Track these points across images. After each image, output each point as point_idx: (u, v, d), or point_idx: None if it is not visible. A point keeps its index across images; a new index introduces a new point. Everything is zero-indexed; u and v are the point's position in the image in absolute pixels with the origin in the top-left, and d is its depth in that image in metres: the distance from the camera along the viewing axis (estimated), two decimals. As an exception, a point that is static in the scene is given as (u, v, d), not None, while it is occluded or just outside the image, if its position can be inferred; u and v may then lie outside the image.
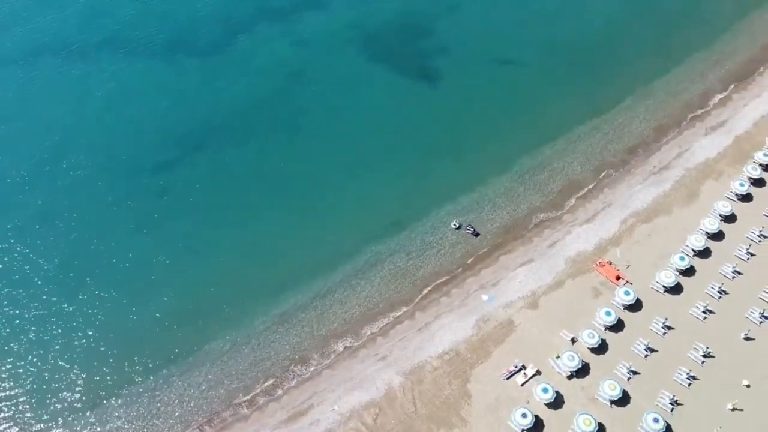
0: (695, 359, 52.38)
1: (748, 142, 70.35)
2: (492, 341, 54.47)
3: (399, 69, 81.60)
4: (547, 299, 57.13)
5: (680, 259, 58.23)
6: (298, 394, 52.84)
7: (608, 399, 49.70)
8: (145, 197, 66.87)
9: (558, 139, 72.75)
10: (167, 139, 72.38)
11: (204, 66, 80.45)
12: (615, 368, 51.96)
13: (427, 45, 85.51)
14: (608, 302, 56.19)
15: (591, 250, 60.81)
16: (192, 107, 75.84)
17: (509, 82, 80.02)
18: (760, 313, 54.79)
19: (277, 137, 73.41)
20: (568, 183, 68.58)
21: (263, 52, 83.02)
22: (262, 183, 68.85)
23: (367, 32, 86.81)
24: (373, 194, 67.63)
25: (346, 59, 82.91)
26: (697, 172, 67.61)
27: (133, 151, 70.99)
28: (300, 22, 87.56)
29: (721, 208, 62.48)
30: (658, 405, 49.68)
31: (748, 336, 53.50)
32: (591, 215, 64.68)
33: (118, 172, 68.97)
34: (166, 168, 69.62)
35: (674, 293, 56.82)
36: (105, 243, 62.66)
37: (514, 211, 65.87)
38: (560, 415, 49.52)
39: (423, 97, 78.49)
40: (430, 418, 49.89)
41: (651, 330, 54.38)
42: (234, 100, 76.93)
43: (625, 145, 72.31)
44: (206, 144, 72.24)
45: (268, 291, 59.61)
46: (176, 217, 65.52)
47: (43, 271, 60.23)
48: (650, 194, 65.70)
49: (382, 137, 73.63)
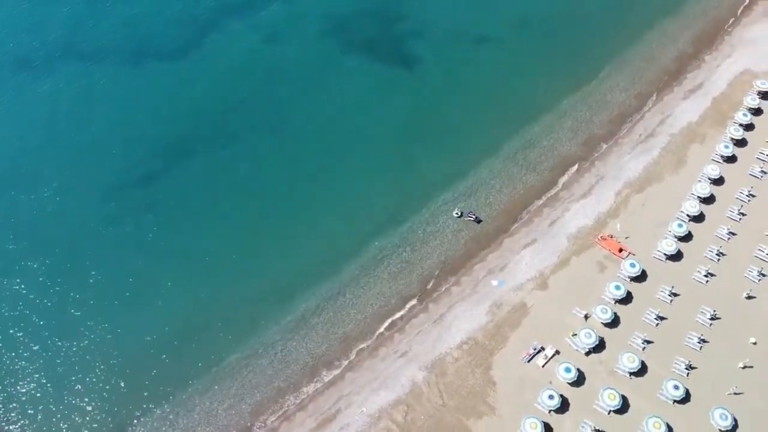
0: (703, 323, 54.40)
1: (726, 102, 72.23)
2: (508, 326, 55.34)
3: (375, 56, 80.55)
4: (555, 278, 58.17)
5: (678, 226, 59.93)
6: (323, 400, 52.83)
7: (627, 371, 51.31)
8: (135, 214, 64.65)
9: (544, 116, 73.32)
10: (148, 149, 69.89)
11: (176, 70, 77.61)
12: (629, 340, 53.57)
13: (400, 29, 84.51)
14: (615, 276, 57.62)
15: (591, 225, 61.98)
16: (170, 114, 73.31)
17: (488, 61, 79.89)
18: (758, 271, 57.09)
19: (260, 138, 71.64)
20: (559, 159, 69.39)
21: (235, 50, 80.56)
22: (251, 187, 67.36)
23: (337, 20, 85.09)
24: (367, 189, 67.02)
25: (320, 50, 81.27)
26: (682, 137, 69.27)
27: (115, 166, 68.34)
28: (267, 15, 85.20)
29: (709, 172, 64.32)
30: (674, 371, 51.57)
31: (749, 295, 55.73)
32: (586, 190, 65.76)
33: (102, 191, 66.29)
34: (152, 180, 67.39)
35: (675, 260, 58.59)
36: (100, 266, 60.39)
37: (510, 193, 66.43)
38: (583, 391, 50.91)
39: (402, 84, 77.77)
40: (459, 409, 50.66)
41: (658, 299, 56.08)
42: (212, 102, 74.73)
43: (610, 115, 73.41)
44: (190, 151, 70.04)
45: (276, 299, 58.87)
46: (169, 231, 63.65)
47: (41, 304, 57.85)
48: (640, 163, 67.10)
49: (366, 129, 72.77)
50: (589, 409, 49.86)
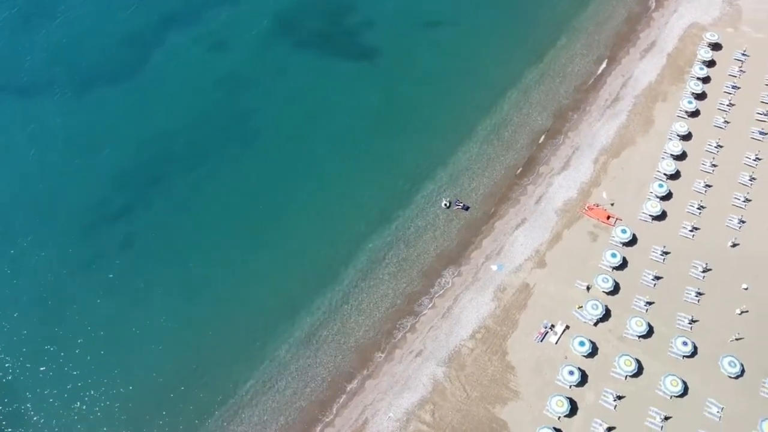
0: (697, 276, 56.78)
1: (680, 57, 74.57)
2: (515, 308, 56.28)
3: (330, 52, 79.02)
4: (551, 254, 59.35)
5: (659, 186, 61.97)
6: (348, 412, 52.64)
7: (636, 335, 53.22)
8: (111, 253, 61.42)
9: (510, 93, 73.91)
10: (115, 182, 66.61)
11: (128, 94, 73.83)
12: (632, 304, 55.44)
13: (351, 20, 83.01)
14: (607, 243, 59.27)
15: (576, 197, 63.33)
16: (131, 140, 69.87)
17: (445, 44, 79.65)
18: (738, 219, 59.86)
19: (231, 152, 69.28)
20: (533, 134, 70.24)
21: (185, 64, 77.30)
22: (230, 206, 65.32)
23: (285, 19, 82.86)
24: (350, 192, 66.05)
25: (274, 52, 79.07)
26: (645, 98, 71.22)
27: (81, 204, 64.81)
28: (210, 22, 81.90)
29: (678, 129, 66.56)
30: (678, 327, 53.82)
31: (734, 243, 58.44)
32: (564, 162, 67.01)
33: (71, 232, 62.74)
34: (126, 215, 64.40)
35: (661, 220, 60.69)
36: (89, 315, 57.18)
37: (492, 175, 66.95)
38: (598, 361, 52.51)
39: (364, 77, 76.72)
40: (484, 399, 51.48)
41: (652, 259, 58.12)
42: (173, 121, 71.61)
43: (574, 84, 74.65)
44: (161, 177, 67.25)
45: (280, 317, 57.83)
46: (154, 266, 61.11)
47: (32, 367, 55.00)
48: (611, 129, 68.74)
49: (336, 128, 71.53)
50: (607, 377, 51.57)
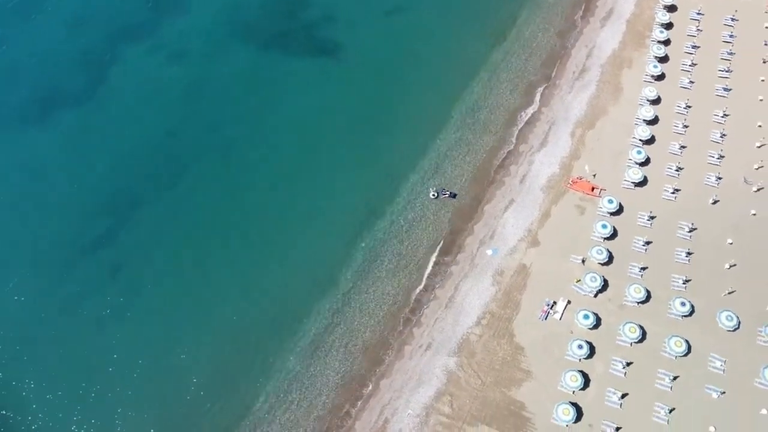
0: (684, 237, 58.56)
1: (639, 22, 76.09)
2: (515, 290, 57.02)
3: (295, 52, 77.59)
4: (543, 232, 60.18)
5: (637, 153, 63.38)
6: (367, 414, 52.63)
7: (636, 301, 54.69)
8: (100, 283, 59.41)
9: (479, 74, 74.15)
10: (90, 209, 64.08)
11: (92, 115, 70.92)
12: (627, 272, 56.85)
13: (310, 17, 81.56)
14: (595, 215, 60.45)
15: (558, 172, 64.21)
16: (101, 164, 67.26)
17: (408, 32, 79.12)
18: (715, 176, 61.88)
19: (207, 165, 67.50)
20: (508, 114, 70.77)
21: (145, 79, 74.62)
22: (215, 221, 63.75)
23: (242, 21, 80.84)
24: (334, 193, 65.23)
25: (236, 57, 77.07)
26: (611, 66, 72.45)
27: (60, 237, 62.20)
28: (166, 32, 79.34)
29: (647, 94, 68.03)
30: (674, 288, 55.53)
31: (714, 200, 60.42)
32: (542, 138, 67.76)
33: (55, 269, 60.36)
34: (106, 242, 62.19)
35: (643, 185, 62.20)
36: (79, 350, 55.24)
37: (474, 159, 67.25)
38: (602, 331, 53.76)
39: (332, 75, 75.62)
40: (498, 383, 52.20)
41: (640, 225, 59.60)
42: (141, 139, 69.29)
43: (541, 59, 75.36)
44: (138, 199, 65.02)
45: (283, 329, 57.01)
46: (143, 292, 59.11)
47: (36, 408, 53.09)
48: (583, 100, 69.76)
49: (310, 130, 70.32)
50: (614, 346, 52.94)
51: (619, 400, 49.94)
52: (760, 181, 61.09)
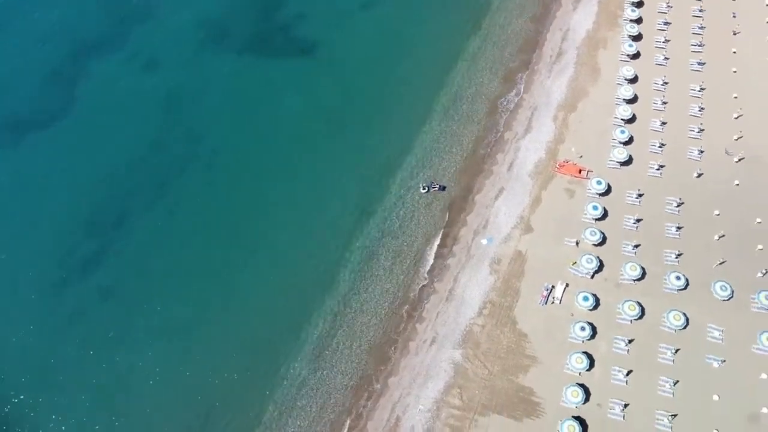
0: (673, 211, 59.69)
1: (610, 2, 77.21)
2: (514, 277, 57.56)
3: (271, 54, 76.97)
4: (535, 218, 60.77)
5: (620, 133, 64.27)
6: (379, 414, 52.79)
7: (632, 279, 55.67)
8: (90, 307, 58.15)
9: (458, 64, 74.32)
10: (74, 231, 62.78)
11: (68, 132, 69.45)
12: (621, 251, 57.78)
13: (283, 16, 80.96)
14: (585, 196, 61.22)
15: (545, 157, 64.80)
16: (81, 183, 65.88)
17: (383, 25, 78.95)
18: (698, 150, 63.10)
19: (190, 176, 66.61)
20: (489, 102, 71.09)
21: (121, 90, 73.38)
22: (206, 233, 62.98)
23: (215, 25, 79.79)
24: (323, 194, 64.89)
25: (211, 62, 76.12)
26: (587, 47, 73.22)
27: (46, 262, 60.73)
28: (139, 41, 78.05)
29: (625, 73, 68.92)
30: (668, 263, 56.62)
31: (698, 173, 61.66)
32: (526, 125, 68.26)
33: (44, 295, 59.00)
34: (93, 264, 60.86)
35: (629, 164, 63.14)
36: (76, 376, 54.25)
37: (460, 150, 67.47)
38: (602, 311, 54.57)
39: (311, 74, 75.07)
40: (506, 371, 52.75)
41: (629, 204, 60.56)
42: (121, 154, 68.02)
43: (517, 45, 75.78)
44: (123, 216, 63.89)
45: (286, 336, 56.61)
46: (136, 312, 58.04)
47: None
48: (562, 84, 70.40)
49: (293, 133, 69.90)
50: (614, 325, 53.85)
51: (624, 377, 50.93)
52: (741, 152, 62.48)
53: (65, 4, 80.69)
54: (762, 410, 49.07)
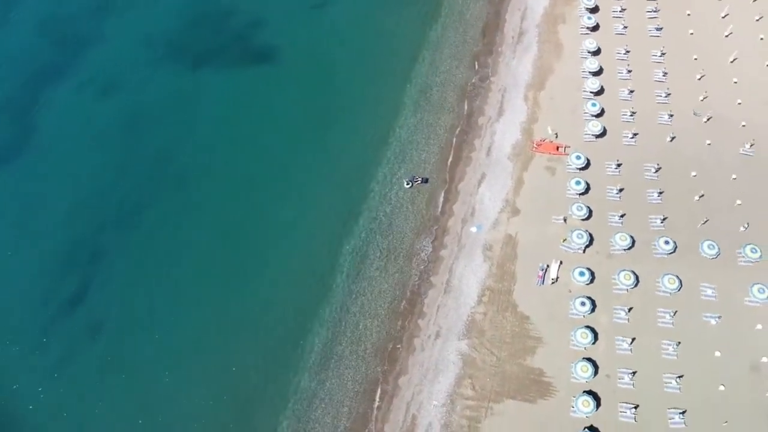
0: (652, 177, 60.86)
1: (563, -23, 77.60)
2: (508, 262, 57.80)
3: (231, 64, 74.62)
4: (521, 200, 61.07)
5: (592, 106, 65.03)
6: (394, 415, 52.43)
7: (623, 248, 56.58)
8: (82, 344, 55.69)
9: (422, 54, 73.80)
10: (52, 269, 59.56)
11: (26, 167, 65.60)
12: (608, 222, 58.64)
13: (236, 24, 78.35)
14: (566, 173, 61.80)
15: (521, 138, 65.09)
16: (53, 219, 62.39)
17: (341, 22, 77.58)
18: (668, 114, 64.42)
19: (166, 199, 63.84)
20: (459, 89, 70.88)
21: (81, 117, 69.59)
22: (188, 255, 60.50)
23: (167, 42, 76.53)
24: (304, 203, 63.12)
25: (172, 79, 73.00)
26: (547, 24, 73.69)
27: (28, 304, 57.75)
28: (89, 65, 74.19)
29: (588, 46, 69.69)
30: (654, 229, 57.77)
31: (672, 137, 62.98)
32: (498, 107, 68.40)
33: (31, 337, 56.22)
34: (79, 299, 58.06)
35: (604, 136, 63.99)
36: (78, 418, 52.50)
37: (437, 141, 67.13)
38: (599, 284, 55.32)
39: (274, 81, 72.89)
40: (513, 355, 53.03)
41: (609, 175, 61.43)
42: (90, 184, 64.58)
43: (478, 29, 75.75)
44: (100, 249, 61.00)
45: (288, 349, 55.47)
46: (131, 343, 55.87)
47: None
48: (527, 63, 70.73)
49: (265, 144, 67.57)
50: (612, 296, 54.72)
51: (628, 346, 51.87)
52: (709, 111, 64.11)
53: (6, 32, 76.57)
54: (762, 360, 50.78)
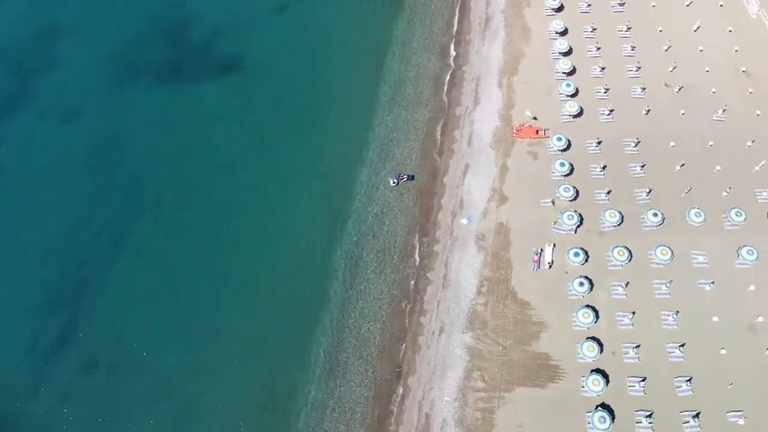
0: (633, 152, 61.59)
1: (521, -40, 77.73)
2: (502, 250, 57.86)
3: (195, 78, 72.80)
4: (507, 187, 61.12)
5: (566, 86, 65.41)
6: (407, 416, 52.13)
7: (613, 225, 57.18)
8: (75, 385, 53.98)
9: (391, 49, 73.27)
10: (35, 315, 57.11)
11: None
12: (595, 200, 59.18)
13: (198, 36, 76.59)
14: (549, 155, 62.09)
15: (500, 125, 65.11)
16: (25, 262, 59.90)
17: (305, 24, 76.46)
18: (641, 88, 65.25)
19: (145, 226, 61.83)
20: (432, 81, 70.54)
21: (44, 149, 67.23)
22: (174, 281, 58.76)
23: (126, 61, 74.22)
24: (289, 211, 62.09)
25: (135, 101, 70.81)
26: (512, 9, 73.84)
27: (16, 348, 55.85)
28: (48, 92, 71.62)
29: (555, 27, 70.04)
30: (641, 202, 58.54)
31: (647, 110, 63.83)
32: (473, 97, 68.28)
33: (22, 389, 54.03)
34: (66, 341, 55.82)
35: (581, 116, 64.42)
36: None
37: (416, 136, 66.72)
38: (594, 262, 55.79)
39: (243, 90, 71.35)
40: (519, 343, 53.19)
41: (591, 153, 61.96)
42: (62, 220, 62.15)
43: (444, 19, 75.55)
44: (83, 284, 58.99)
45: (291, 364, 54.54)
46: (128, 378, 54.00)
47: None
48: (497, 49, 70.77)
49: (242, 155, 66.00)
50: (608, 273, 55.28)
51: (629, 320, 52.53)
52: (680, 81, 65.17)
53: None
54: (758, 319, 52.04)
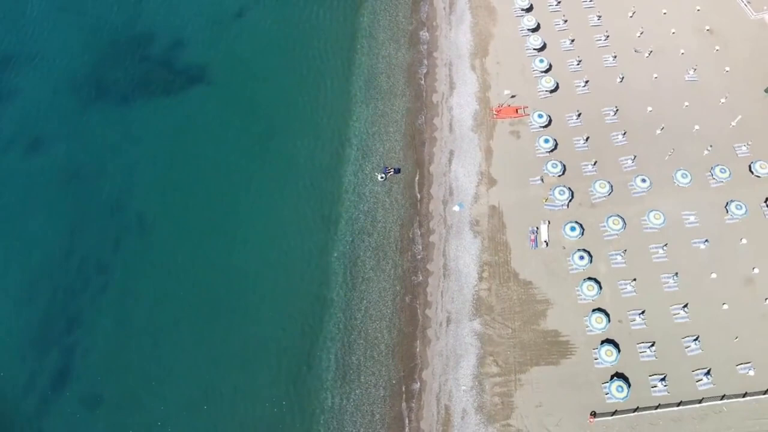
0: (613, 120, 62.21)
1: (480, -58, 77.29)
2: (497, 233, 57.84)
3: (162, 92, 70.52)
4: (494, 169, 61.06)
5: (540, 62, 65.49)
6: (426, 411, 51.93)
7: (603, 195, 57.69)
8: (80, 424, 52.55)
9: (359, 43, 72.35)
10: (26, 355, 55.07)
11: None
12: (583, 173, 59.63)
13: (159, 49, 74.02)
14: (531, 133, 62.20)
15: (480, 107, 64.93)
16: (12, 294, 57.93)
17: (268, 26, 74.70)
18: (612, 56, 65.80)
19: (130, 249, 60.06)
20: (404, 71, 69.87)
21: (14, 181, 64.18)
22: (169, 303, 57.12)
23: (89, 82, 71.34)
24: (277, 220, 60.93)
25: (102, 122, 68.16)
26: (475, -10, 73.56)
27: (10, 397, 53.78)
28: (11, 120, 68.28)
29: (520, 3, 70.05)
30: (627, 169, 59.18)
31: (621, 77, 64.43)
32: (448, 83, 67.87)
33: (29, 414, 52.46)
34: (64, 380, 53.90)
35: (557, 90, 64.66)
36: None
37: (397, 128, 66.07)
38: (590, 235, 56.21)
39: (213, 100, 69.47)
40: (527, 323, 53.39)
41: (572, 126, 62.34)
42: (41, 253, 59.80)
43: (408, 6, 74.83)
44: (73, 318, 56.83)
45: (302, 373, 53.77)
46: (134, 408, 52.57)
47: None
48: (465, 32, 70.41)
49: (221, 167, 64.34)
50: (605, 243, 55.82)
51: (632, 288, 53.21)
52: (649, 46, 65.94)
53: None
54: (754, 271, 53.32)
